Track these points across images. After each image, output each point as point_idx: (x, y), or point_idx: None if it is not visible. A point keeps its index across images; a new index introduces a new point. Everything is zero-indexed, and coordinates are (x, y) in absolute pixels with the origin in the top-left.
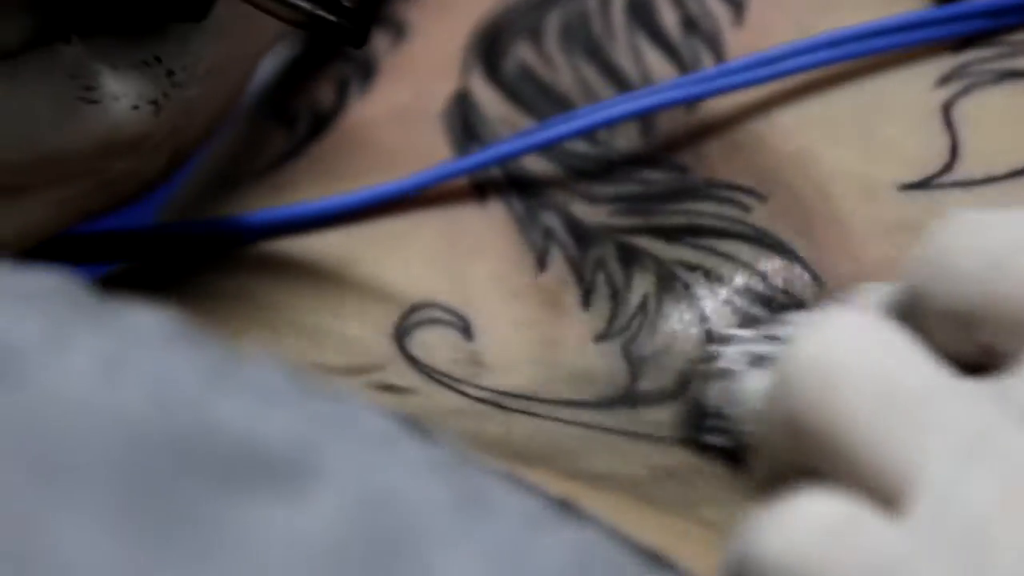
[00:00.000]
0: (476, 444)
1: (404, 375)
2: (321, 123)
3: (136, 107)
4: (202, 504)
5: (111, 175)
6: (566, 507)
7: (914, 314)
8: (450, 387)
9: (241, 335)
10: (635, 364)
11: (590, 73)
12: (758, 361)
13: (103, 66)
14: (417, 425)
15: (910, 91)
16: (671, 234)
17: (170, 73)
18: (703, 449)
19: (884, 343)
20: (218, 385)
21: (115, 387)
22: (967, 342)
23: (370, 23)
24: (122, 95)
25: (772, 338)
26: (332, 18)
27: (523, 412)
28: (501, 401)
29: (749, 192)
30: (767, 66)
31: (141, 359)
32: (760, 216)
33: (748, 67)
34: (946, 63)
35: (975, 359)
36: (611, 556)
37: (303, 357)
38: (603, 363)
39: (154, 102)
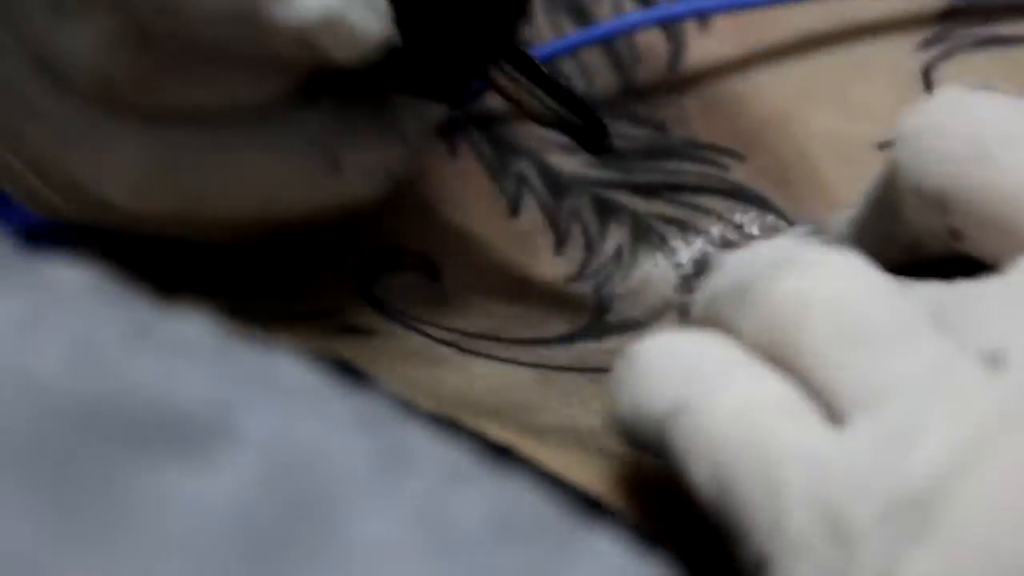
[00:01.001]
0: (429, 395)
1: (365, 317)
2: None
3: (375, 177)
4: (110, 475)
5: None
6: (503, 453)
7: (889, 191)
8: (410, 327)
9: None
10: (605, 300)
11: (565, 21)
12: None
13: (349, 135)
14: (348, 369)
15: (890, 55)
16: (649, 190)
17: (403, 139)
18: None
19: (857, 281)
20: (136, 344)
21: (29, 349)
22: (938, 223)
23: (606, 134)
24: (365, 169)
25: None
26: (578, 122)
27: (481, 354)
28: (460, 343)
29: (728, 152)
30: None
31: (57, 318)
32: (738, 174)
33: None
34: (927, 29)
35: (944, 242)
36: (535, 509)
37: (269, 307)
38: (573, 300)
39: (389, 171)
